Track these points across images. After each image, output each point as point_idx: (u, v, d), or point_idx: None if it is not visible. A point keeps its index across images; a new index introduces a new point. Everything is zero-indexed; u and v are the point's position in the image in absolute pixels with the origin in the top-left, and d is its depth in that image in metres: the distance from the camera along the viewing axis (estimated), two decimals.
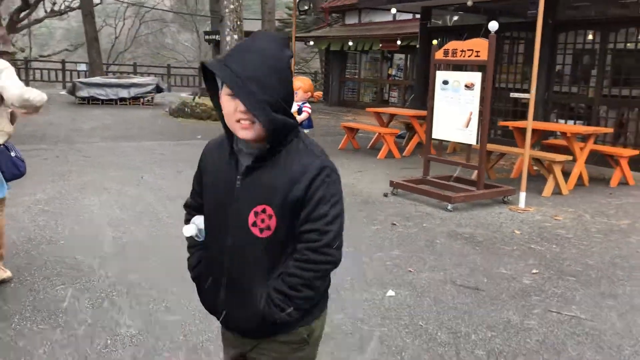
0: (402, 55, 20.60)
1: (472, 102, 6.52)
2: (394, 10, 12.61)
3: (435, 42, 7.09)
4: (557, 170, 7.33)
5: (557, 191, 7.43)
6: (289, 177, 1.61)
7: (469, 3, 10.30)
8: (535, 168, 8.34)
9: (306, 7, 11.69)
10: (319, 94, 10.21)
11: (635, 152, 8.30)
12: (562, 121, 10.39)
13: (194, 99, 18.04)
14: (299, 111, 9.74)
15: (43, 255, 4.54)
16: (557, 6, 10.09)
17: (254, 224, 1.63)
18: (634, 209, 6.80)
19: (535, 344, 3.39)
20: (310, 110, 9.77)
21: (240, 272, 1.69)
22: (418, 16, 18.28)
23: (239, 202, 1.66)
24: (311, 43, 23.76)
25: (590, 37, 10.15)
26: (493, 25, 6.28)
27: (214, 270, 1.77)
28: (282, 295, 1.64)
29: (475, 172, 7.64)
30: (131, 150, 9.73)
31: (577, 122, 10.21)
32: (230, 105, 1.61)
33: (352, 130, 10.90)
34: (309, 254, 1.62)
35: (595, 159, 8.55)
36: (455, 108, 6.68)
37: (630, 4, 9.52)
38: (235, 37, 17.12)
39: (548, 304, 3.97)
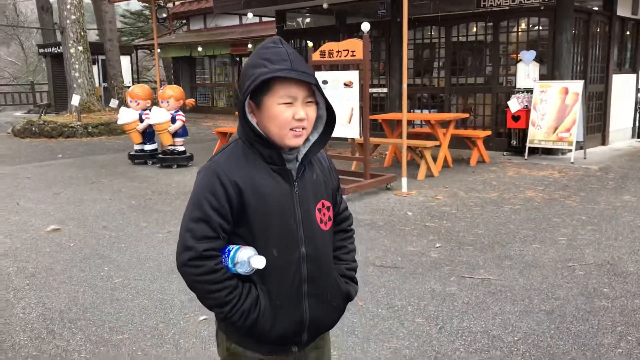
0: None
1: (352, 99, 6.96)
2: (250, 15, 12.81)
3: (310, 44, 7.45)
4: (428, 155, 8.06)
5: (429, 174, 8.17)
6: (323, 168, 1.78)
7: (325, 5, 10.83)
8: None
9: (164, 15, 11.47)
10: (191, 101, 10.19)
11: (489, 132, 9.36)
12: (418, 111, 11.34)
13: (40, 116, 16.86)
14: (173, 120, 9.67)
15: None
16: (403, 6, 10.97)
17: (321, 221, 1.71)
18: (497, 182, 7.72)
19: (462, 305, 3.85)
20: (184, 119, 9.75)
21: (319, 270, 1.71)
22: (265, 19, 18.74)
23: (303, 206, 1.67)
24: (158, 51, 23.15)
25: (434, 32, 11.17)
26: (365, 26, 6.77)
27: (293, 285, 1.67)
28: (354, 270, 1.84)
29: (355, 162, 8.17)
30: None
31: (432, 110, 11.20)
32: (287, 113, 1.59)
33: (225, 135, 10.97)
34: (352, 229, 1.89)
35: (453, 142, 9.49)
36: (337, 106, 7.09)
37: (464, 1, 10.64)
38: (80, 48, 16.34)
39: (459, 271, 4.47)
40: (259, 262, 1.56)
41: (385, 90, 11.76)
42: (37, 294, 4.20)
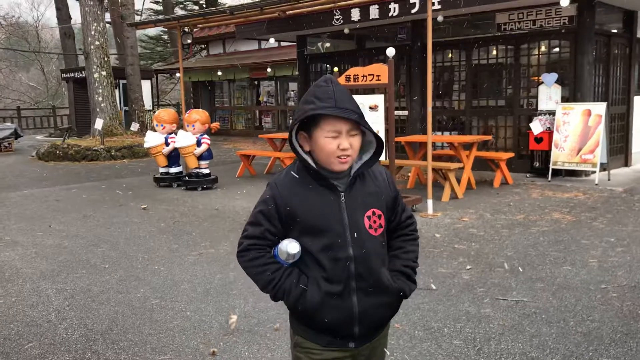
0: (271, 82, 21.13)
1: (377, 122, 7.06)
2: (272, 40, 13.02)
3: (336, 69, 7.58)
4: (452, 177, 8.11)
5: (453, 196, 8.21)
6: (378, 181, 2.00)
7: (346, 31, 11.00)
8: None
9: (189, 41, 11.73)
10: (216, 125, 10.36)
11: (511, 154, 9.39)
12: (439, 133, 11.41)
13: (64, 140, 17.16)
14: (198, 143, 9.83)
15: None
16: (424, 30, 11.13)
17: (370, 227, 1.92)
18: (521, 204, 7.73)
19: (498, 327, 3.87)
20: (209, 142, 9.91)
21: (369, 270, 1.90)
22: (284, 44, 19.01)
23: (350, 213, 1.89)
24: (178, 75, 23.52)
25: (455, 55, 11.29)
26: (390, 51, 6.87)
27: (341, 280, 1.88)
28: (411, 269, 2.01)
29: None
30: (22, 200, 9.15)
31: (452, 132, 11.27)
32: (333, 145, 1.85)
33: (248, 158, 11.10)
34: (415, 234, 2.08)
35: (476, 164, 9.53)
36: None
37: (484, 25, 10.76)
38: (104, 73, 16.68)
39: (493, 293, 4.50)
40: (294, 247, 1.88)
41: (405, 112, 11.85)
42: (78, 315, 4.29)
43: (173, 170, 10.23)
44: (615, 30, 10.54)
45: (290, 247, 1.89)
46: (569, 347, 3.55)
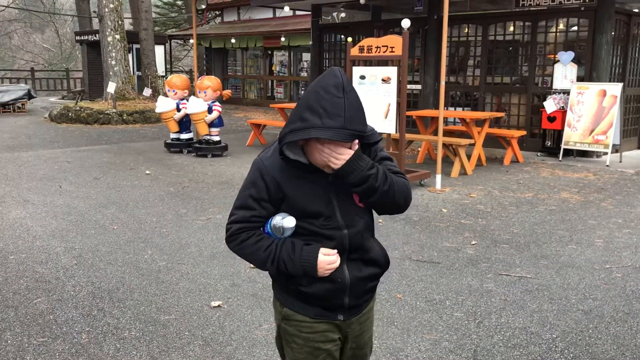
0: (285, 52, 20.98)
1: (389, 94, 7.02)
2: (287, 9, 12.90)
3: (350, 39, 7.51)
4: (462, 153, 8.08)
5: (462, 172, 8.19)
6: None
7: (362, 1, 10.86)
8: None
9: (203, 6, 11.63)
10: (228, 92, 10.34)
11: (523, 132, 9.33)
12: (452, 108, 11.33)
13: (76, 102, 17.21)
14: (209, 110, 9.83)
15: None
16: (441, 3, 10.97)
17: (360, 200, 1.88)
18: (531, 182, 7.71)
19: (500, 302, 3.90)
20: (220, 109, 9.91)
21: (361, 244, 1.91)
22: (299, 13, 18.82)
23: (340, 191, 1.83)
24: (191, 41, 23.39)
25: (471, 30, 11.14)
26: (406, 23, 6.80)
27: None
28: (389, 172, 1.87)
29: None
30: (34, 160, 9.24)
31: (465, 108, 11.19)
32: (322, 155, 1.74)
33: (259, 127, 11.10)
34: (395, 168, 1.94)
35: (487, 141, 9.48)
36: (373, 101, 7.15)
37: (502, 0, 10.60)
38: (117, 36, 16.62)
39: (496, 269, 4.52)
40: (290, 221, 1.81)
41: (419, 87, 11.76)
42: (86, 273, 4.36)
43: (184, 136, 10.26)
44: (636, 10, 10.34)
45: (285, 221, 1.81)
46: (569, 323, 3.57)
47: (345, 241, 1.86)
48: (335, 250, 1.84)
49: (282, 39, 19.08)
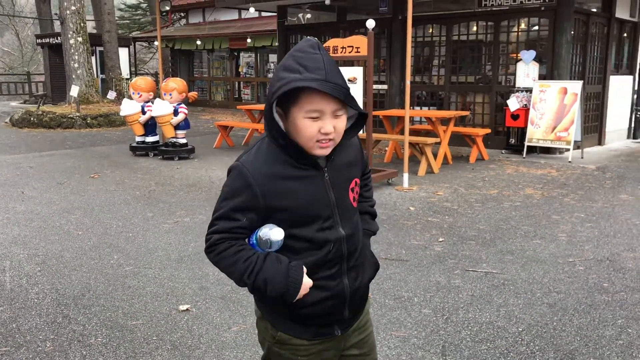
0: (251, 53, 20.90)
1: (356, 94, 7.03)
2: (252, 10, 12.85)
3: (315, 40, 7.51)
4: (428, 151, 8.16)
5: (429, 170, 8.28)
6: (353, 150, 1.79)
7: (327, 2, 10.89)
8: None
9: (167, 8, 11.52)
10: (193, 94, 10.25)
11: (488, 130, 9.48)
12: (418, 108, 11.44)
13: (38, 106, 16.85)
14: (175, 112, 9.73)
15: None
16: (405, 3, 11.06)
17: (354, 199, 1.77)
18: (496, 179, 7.83)
19: (467, 297, 3.96)
20: (186, 111, 9.82)
21: (356, 246, 1.77)
22: (264, 14, 18.77)
23: (336, 190, 1.71)
24: (156, 43, 23.13)
25: (435, 30, 11.27)
26: (370, 23, 6.84)
27: (334, 264, 1.72)
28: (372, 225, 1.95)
29: None
30: None
31: (431, 107, 11.31)
32: (313, 128, 1.58)
33: (226, 129, 11.03)
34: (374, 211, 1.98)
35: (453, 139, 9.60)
36: None
37: (465, 1, 10.73)
38: (80, 39, 16.33)
39: (463, 265, 4.58)
40: (278, 234, 1.63)
41: (385, 86, 11.85)
42: (50, 280, 4.27)
43: (149, 139, 10.14)
44: (594, 10, 10.61)
45: (273, 234, 1.63)
46: (534, 317, 3.64)
47: (343, 246, 1.71)
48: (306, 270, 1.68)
49: (248, 40, 19.01)
